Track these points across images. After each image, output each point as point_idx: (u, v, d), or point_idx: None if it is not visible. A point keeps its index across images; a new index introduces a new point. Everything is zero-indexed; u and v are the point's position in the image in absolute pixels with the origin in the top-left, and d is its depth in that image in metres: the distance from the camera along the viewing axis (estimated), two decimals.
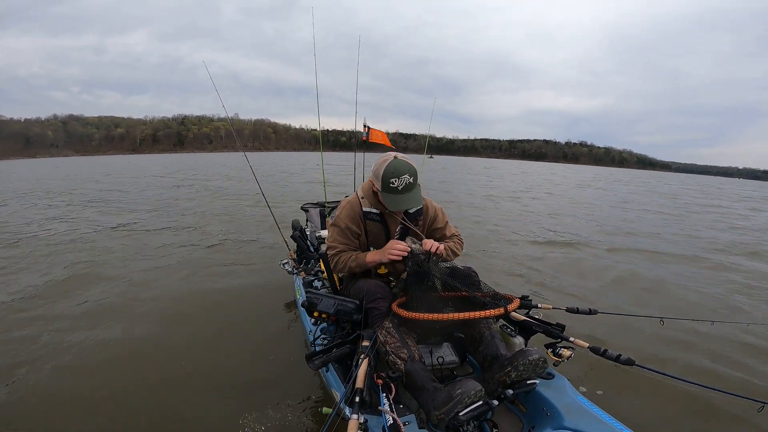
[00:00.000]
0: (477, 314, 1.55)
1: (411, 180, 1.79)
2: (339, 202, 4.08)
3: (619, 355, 1.62)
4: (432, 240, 1.86)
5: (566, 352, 1.70)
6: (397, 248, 1.81)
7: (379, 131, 3.48)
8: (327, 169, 4.12)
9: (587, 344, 1.72)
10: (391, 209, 1.88)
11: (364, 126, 3.39)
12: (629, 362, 1.59)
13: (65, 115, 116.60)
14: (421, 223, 2.07)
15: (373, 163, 1.92)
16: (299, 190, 13.68)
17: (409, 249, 1.80)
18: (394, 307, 1.72)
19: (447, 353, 1.86)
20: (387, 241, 2.01)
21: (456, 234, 2.17)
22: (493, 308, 1.57)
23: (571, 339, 1.77)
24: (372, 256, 1.90)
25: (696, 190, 26.70)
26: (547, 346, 1.79)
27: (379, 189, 1.84)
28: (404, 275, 1.88)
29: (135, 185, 14.97)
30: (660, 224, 9.56)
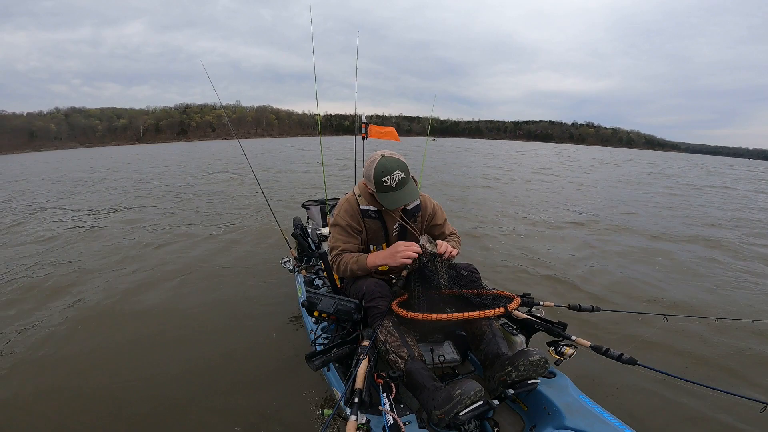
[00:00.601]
0: (478, 314, 1.54)
1: (403, 175, 1.79)
2: (339, 199, 4.07)
3: (621, 354, 1.60)
4: (445, 243, 1.83)
5: (568, 351, 1.69)
6: (410, 250, 1.76)
7: (383, 128, 3.42)
8: (329, 155, 4.06)
9: (589, 343, 1.70)
10: (390, 207, 1.86)
11: (363, 123, 3.34)
12: (631, 361, 1.57)
13: (67, 108, 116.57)
14: (420, 219, 2.06)
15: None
16: (301, 178, 13.61)
17: (421, 251, 1.76)
18: (394, 306, 1.71)
19: (448, 352, 1.85)
20: (386, 237, 2.00)
21: (454, 233, 2.16)
22: (494, 308, 1.57)
23: (573, 337, 1.75)
24: (373, 259, 1.86)
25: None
26: (549, 344, 1.78)
27: (374, 190, 1.82)
28: (404, 273, 1.86)
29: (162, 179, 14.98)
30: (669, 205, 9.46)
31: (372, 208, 1.95)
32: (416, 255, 1.75)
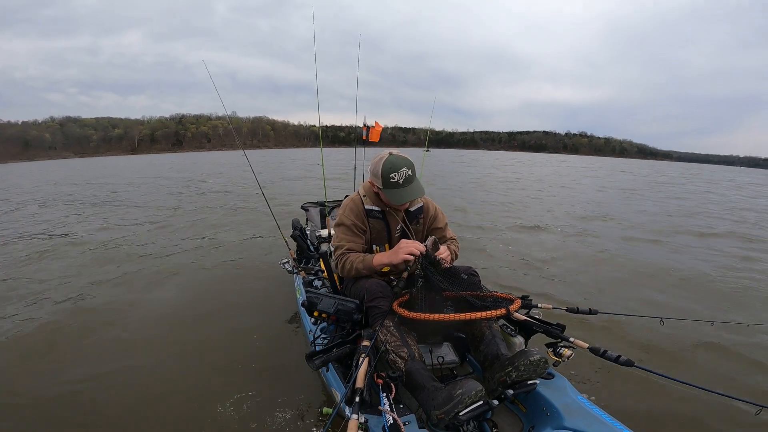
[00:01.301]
0: (479, 315, 1.56)
1: (410, 173, 1.83)
2: (339, 201, 4.09)
3: (619, 356, 1.61)
4: (447, 248, 1.85)
5: (567, 352, 1.70)
6: (413, 248, 1.77)
7: (377, 130, 3.49)
8: (325, 166, 4.11)
9: (587, 344, 1.71)
10: (396, 203, 1.88)
11: (364, 125, 3.41)
12: (628, 363, 1.58)
13: (62, 117, 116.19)
14: (422, 221, 2.09)
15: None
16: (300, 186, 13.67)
17: (425, 250, 1.77)
18: (396, 307, 1.72)
19: (447, 353, 1.86)
20: (389, 238, 2.03)
21: (454, 238, 2.18)
22: (495, 309, 1.58)
23: (571, 339, 1.76)
24: (380, 258, 1.87)
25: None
26: (547, 346, 1.79)
27: (381, 186, 1.86)
28: (405, 275, 1.88)
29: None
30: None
31: (376, 208, 1.99)
32: (418, 252, 1.76)
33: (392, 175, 1.81)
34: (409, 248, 1.76)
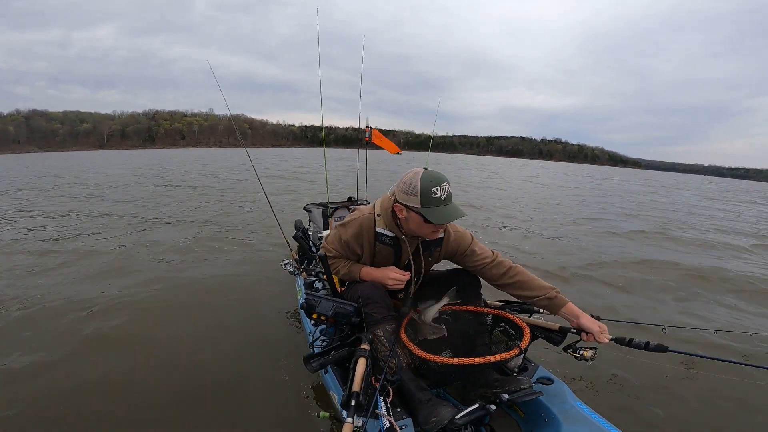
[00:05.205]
0: (488, 359, 1.44)
1: (450, 188, 1.60)
2: (341, 202, 4.09)
3: (648, 343, 1.53)
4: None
5: (588, 353, 1.65)
6: (395, 278, 1.74)
7: (384, 137, 3.56)
8: (295, 165, 4.03)
9: (590, 353, 1.66)
10: (440, 223, 1.59)
11: (367, 127, 3.43)
12: (661, 349, 1.52)
13: (28, 110, 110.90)
14: (437, 251, 1.86)
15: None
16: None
17: (407, 277, 1.79)
18: (403, 336, 1.66)
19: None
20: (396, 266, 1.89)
21: (497, 257, 1.83)
22: (507, 350, 1.51)
23: (578, 345, 1.72)
24: (367, 275, 1.81)
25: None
26: (565, 349, 1.75)
27: (419, 205, 1.56)
28: (413, 289, 1.87)
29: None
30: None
31: (389, 233, 1.77)
32: (402, 282, 1.77)
33: (434, 189, 1.53)
34: (396, 284, 1.74)
